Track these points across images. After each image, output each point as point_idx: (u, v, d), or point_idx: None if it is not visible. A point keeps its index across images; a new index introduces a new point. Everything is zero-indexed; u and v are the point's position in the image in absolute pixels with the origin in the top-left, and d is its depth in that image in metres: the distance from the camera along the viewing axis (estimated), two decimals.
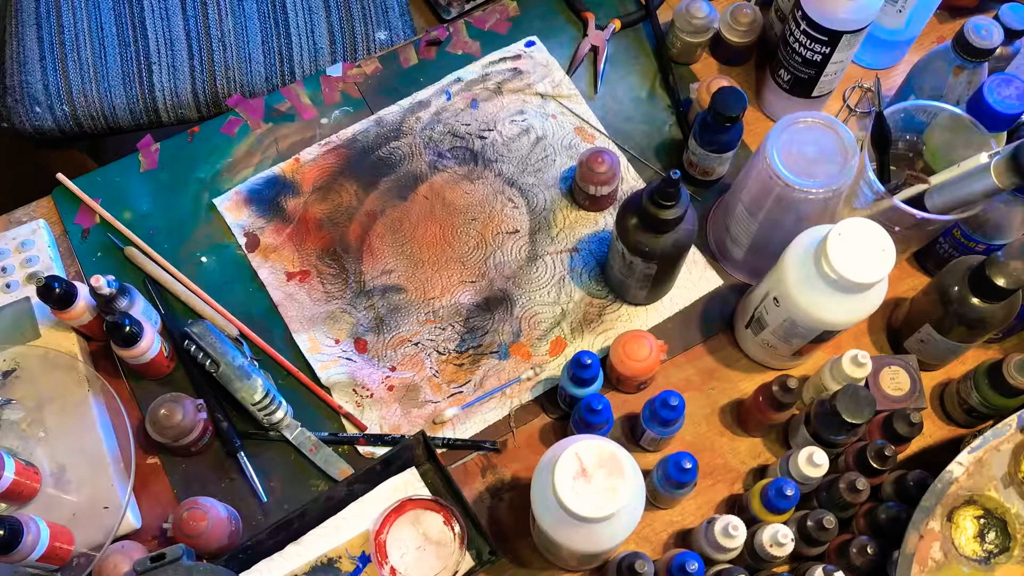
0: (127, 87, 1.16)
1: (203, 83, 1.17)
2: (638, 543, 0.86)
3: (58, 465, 0.83)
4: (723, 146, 0.93)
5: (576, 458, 0.68)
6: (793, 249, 0.79)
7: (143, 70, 1.17)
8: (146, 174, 0.99)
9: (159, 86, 1.17)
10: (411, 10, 1.26)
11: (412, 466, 0.86)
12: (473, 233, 0.97)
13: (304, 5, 1.20)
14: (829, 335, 0.81)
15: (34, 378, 0.86)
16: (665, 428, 0.83)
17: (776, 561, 0.78)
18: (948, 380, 0.91)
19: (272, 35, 1.19)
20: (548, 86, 1.04)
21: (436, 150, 1.01)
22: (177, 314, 0.93)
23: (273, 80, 1.18)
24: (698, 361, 0.93)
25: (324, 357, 0.92)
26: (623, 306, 0.94)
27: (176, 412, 0.82)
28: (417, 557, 0.82)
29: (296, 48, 1.18)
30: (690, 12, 1.00)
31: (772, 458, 0.89)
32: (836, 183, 0.80)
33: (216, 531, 0.79)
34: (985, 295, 0.80)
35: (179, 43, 1.18)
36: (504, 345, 0.92)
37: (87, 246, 0.95)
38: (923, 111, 0.85)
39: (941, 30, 1.08)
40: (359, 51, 1.19)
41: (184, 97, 1.17)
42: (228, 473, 0.87)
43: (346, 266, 0.95)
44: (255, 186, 0.99)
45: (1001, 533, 0.77)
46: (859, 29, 0.88)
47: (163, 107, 1.17)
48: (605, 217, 0.98)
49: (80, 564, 0.79)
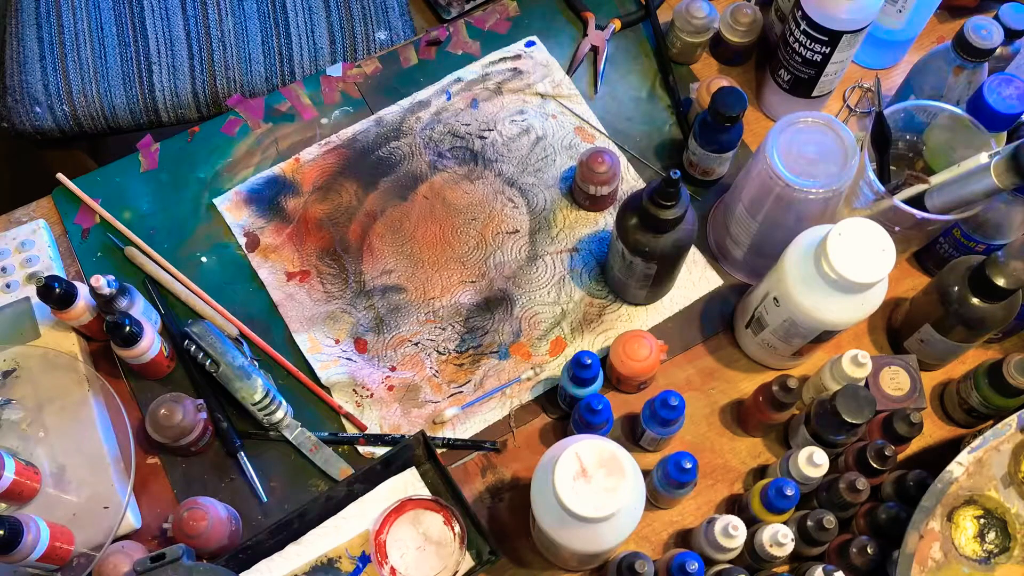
0: (127, 87, 1.17)
1: (203, 83, 1.17)
2: (638, 543, 0.86)
3: (58, 465, 0.83)
4: (723, 146, 0.93)
5: (576, 458, 0.68)
6: (793, 249, 0.79)
7: (143, 70, 1.17)
8: (146, 174, 0.99)
9: (159, 86, 1.17)
10: (411, 10, 1.26)
11: (412, 466, 0.86)
12: (473, 233, 0.97)
13: (304, 5, 1.20)
14: (829, 335, 0.81)
15: (34, 378, 0.86)
16: (665, 428, 0.83)
17: (776, 561, 0.78)
18: (948, 380, 0.91)
19: (272, 35, 1.19)
20: (548, 86, 1.04)
21: (436, 150, 1.01)
22: (177, 314, 0.93)
23: (273, 80, 1.18)
24: (698, 361, 0.93)
25: (324, 357, 0.92)
26: (623, 306, 0.94)
27: (176, 412, 0.82)
28: (417, 557, 0.82)
29: (296, 48, 1.19)
30: (690, 12, 1.00)
31: (772, 458, 0.89)
32: (836, 183, 0.80)
33: (216, 531, 0.79)
34: (985, 295, 0.80)
35: (179, 43, 1.18)
36: (504, 345, 0.92)
37: (87, 246, 0.95)
38: (923, 111, 0.85)
39: (941, 30, 1.08)
40: (359, 51, 1.19)
41: (184, 97, 1.17)
42: (228, 473, 0.87)
43: (346, 266, 0.95)
44: (255, 186, 0.99)
45: (1001, 533, 0.77)
46: (859, 29, 0.88)
47: (163, 107, 1.17)
48: (605, 217, 0.98)
49: (80, 564, 0.79)
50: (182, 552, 0.73)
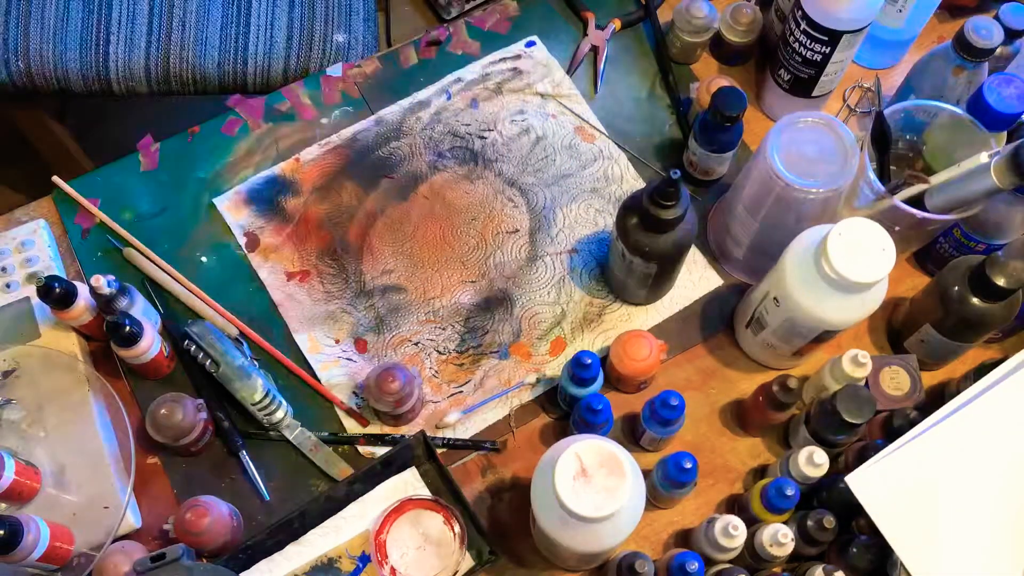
0: (83, 52, 1.20)
1: (156, 60, 1.20)
2: (638, 543, 0.86)
3: (58, 465, 0.83)
4: (723, 146, 0.93)
5: (576, 458, 0.68)
6: (793, 249, 0.79)
7: (101, 39, 1.20)
8: (146, 174, 0.99)
9: (113, 56, 1.20)
10: (379, 17, 1.29)
11: (412, 466, 0.86)
12: (473, 233, 0.97)
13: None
14: (829, 335, 0.81)
15: (34, 378, 0.86)
16: (665, 428, 0.83)
17: (776, 561, 0.78)
18: (948, 380, 0.91)
19: (232, 22, 1.21)
20: (548, 86, 1.04)
21: (436, 150, 1.01)
22: (177, 314, 0.93)
23: (225, 67, 1.21)
24: (698, 361, 0.93)
25: (324, 357, 0.92)
26: (623, 306, 0.94)
27: (176, 412, 0.82)
28: (417, 557, 0.82)
29: (252, 38, 1.21)
30: (690, 12, 1.00)
31: (772, 458, 0.89)
32: (836, 183, 0.80)
33: (218, 528, 0.79)
34: (985, 295, 0.80)
35: (141, 17, 1.21)
36: (504, 345, 0.92)
37: (87, 246, 0.95)
38: (923, 111, 0.85)
39: (941, 30, 1.08)
40: (314, 50, 1.21)
41: (136, 71, 1.20)
42: (228, 473, 0.87)
43: (346, 266, 0.95)
44: (255, 186, 0.99)
45: None
46: (859, 29, 0.88)
47: (115, 78, 1.21)
48: (605, 217, 0.98)
49: (80, 564, 0.79)
50: (182, 552, 0.73)
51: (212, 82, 1.23)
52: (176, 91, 1.24)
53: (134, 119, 1.73)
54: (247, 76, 1.22)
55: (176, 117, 1.73)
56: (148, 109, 1.74)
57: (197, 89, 1.24)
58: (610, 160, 1.00)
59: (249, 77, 1.22)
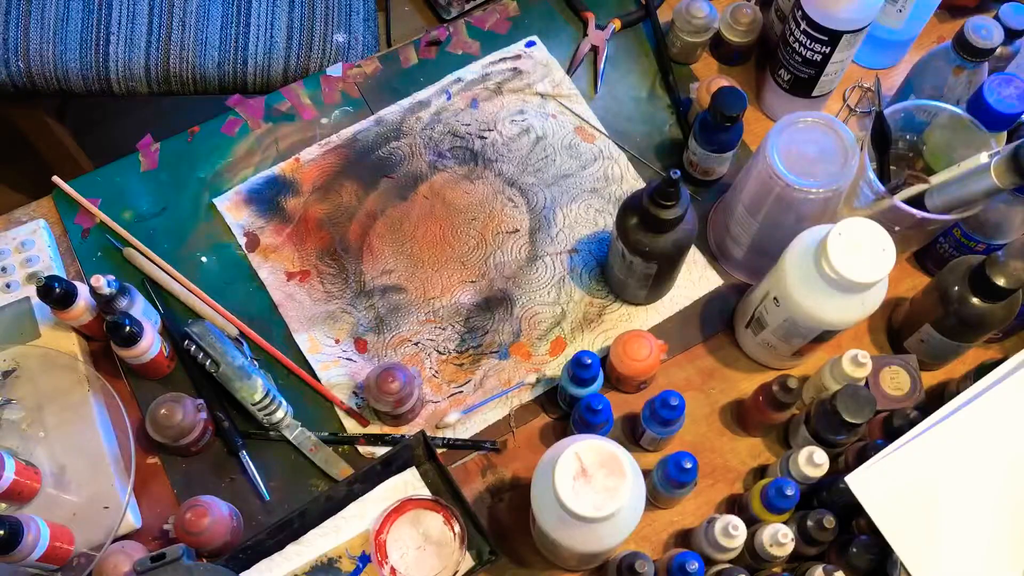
0: (83, 52, 1.20)
1: (156, 60, 1.20)
2: (638, 543, 0.86)
3: (58, 465, 0.83)
4: (723, 146, 0.93)
5: (576, 458, 0.68)
6: (793, 249, 0.79)
7: (101, 39, 1.21)
8: (146, 174, 0.99)
9: (114, 56, 1.20)
10: (379, 17, 1.29)
11: (412, 466, 0.86)
12: (473, 233, 0.97)
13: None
14: (829, 335, 0.81)
15: (34, 378, 0.86)
16: (665, 428, 0.83)
17: (776, 561, 0.78)
18: (948, 380, 0.91)
19: (232, 22, 1.22)
20: (548, 86, 1.04)
21: (436, 150, 1.01)
22: (177, 314, 0.93)
23: (225, 67, 1.21)
24: (698, 361, 0.93)
25: (324, 357, 0.92)
26: (623, 306, 0.94)
27: (176, 412, 0.82)
28: (417, 557, 0.82)
29: (252, 38, 1.21)
30: (690, 12, 1.00)
31: (772, 458, 0.89)
32: (836, 183, 0.80)
33: (218, 528, 0.79)
34: (985, 295, 0.80)
35: (141, 17, 1.21)
36: (504, 345, 0.92)
37: (87, 246, 0.95)
38: (923, 111, 0.85)
39: (941, 30, 1.08)
40: (314, 50, 1.21)
41: (136, 71, 1.21)
42: (228, 473, 0.87)
43: (346, 266, 0.95)
44: (255, 186, 0.99)
45: None
46: (859, 29, 0.88)
47: (115, 78, 1.21)
48: (605, 217, 0.98)
49: (80, 564, 0.79)
50: (182, 552, 0.73)
51: (212, 82, 1.23)
52: (176, 91, 1.24)
53: (134, 119, 1.73)
54: (247, 76, 1.22)
55: (176, 117, 1.74)
56: (148, 109, 1.74)
57: (197, 89, 1.24)
58: (610, 160, 1.01)
59: (249, 77, 1.22)
